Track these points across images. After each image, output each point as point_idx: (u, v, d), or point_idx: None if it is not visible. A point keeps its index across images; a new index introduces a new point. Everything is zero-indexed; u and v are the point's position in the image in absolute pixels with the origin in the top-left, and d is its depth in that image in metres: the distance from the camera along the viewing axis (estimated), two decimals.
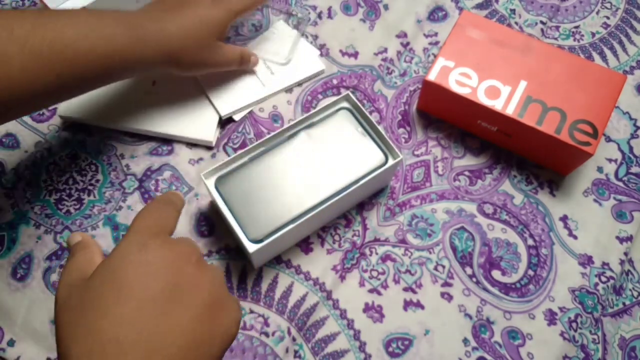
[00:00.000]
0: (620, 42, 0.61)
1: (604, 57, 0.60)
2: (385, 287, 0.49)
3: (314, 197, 0.45)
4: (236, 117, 0.55)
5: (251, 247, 0.42)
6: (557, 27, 0.62)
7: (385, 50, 0.60)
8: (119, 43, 0.41)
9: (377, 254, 0.50)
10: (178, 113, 0.54)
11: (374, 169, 0.46)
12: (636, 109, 0.57)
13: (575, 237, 0.51)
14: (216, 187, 0.45)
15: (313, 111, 0.48)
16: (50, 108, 0.55)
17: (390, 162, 0.47)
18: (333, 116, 0.48)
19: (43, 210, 0.51)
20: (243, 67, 0.54)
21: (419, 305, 0.49)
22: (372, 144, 0.47)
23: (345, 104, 0.49)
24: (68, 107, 0.53)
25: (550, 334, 0.48)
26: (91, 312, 0.27)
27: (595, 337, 0.48)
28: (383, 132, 0.47)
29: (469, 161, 0.54)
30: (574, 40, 0.61)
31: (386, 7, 0.62)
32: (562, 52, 0.52)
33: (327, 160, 0.46)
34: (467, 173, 0.54)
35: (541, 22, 0.61)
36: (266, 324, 0.47)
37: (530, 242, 0.51)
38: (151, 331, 0.27)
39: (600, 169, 0.54)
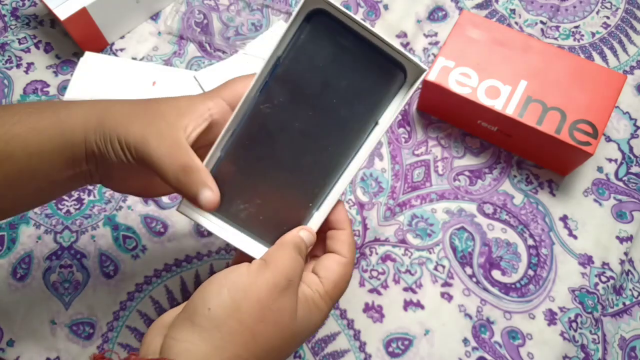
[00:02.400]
0: (620, 42, 0.61)
1: (604, 57, 0.60)
2: (385, 287, 0.49)
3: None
4: None
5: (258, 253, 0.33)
6: (557, 27, 0.62)
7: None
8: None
9: (377, 253, 0.50)
10: None
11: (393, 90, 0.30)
12: (636, 109, 0.57)
13: (575, 237, 0.51)
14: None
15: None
16: None
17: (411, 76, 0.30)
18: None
19: (43, 210, 0.51)
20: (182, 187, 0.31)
21: (419, 305, 0.49)
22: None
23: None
24: None
25: (550, 334, 0.48)
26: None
27: (595, 337, 0.48)
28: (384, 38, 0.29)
29: (469, 161, 0.54)
30: (574, 40, 0.61)
31: (386, 7, 0.62)
32: (562, 52, 0.52)
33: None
34: (467, 173, 0.54)
35: (541, 22, 0.61)
36: None
37: (530, 242, 0.51)
38: None
39: (600, 169, 0.54)
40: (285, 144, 0.31)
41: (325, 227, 0.34)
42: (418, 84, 0.30)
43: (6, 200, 0.34)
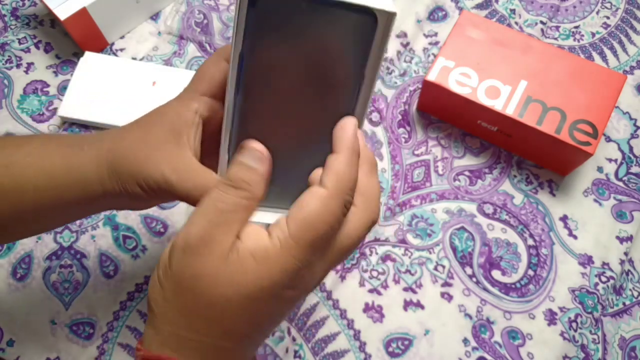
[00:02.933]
0: (620, 42, 0.61)
1: (604, 57, 0.60)
2: (385, 287, 0.49)
3: None
4: None
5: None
6: (557, 27, 0.62)
7: (385, 50, 0.59)
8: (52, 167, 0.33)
9: (377, 253, 0.50)
10: None
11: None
12: (636, 109, 0.57)
13: (575, 237, 0.51)
14: None
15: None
16: (50, 108, 0.55)
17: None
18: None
19: None
20: None
21: (419, 305, 0.49)
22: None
23: None
24: (68, 107, 0.54)
25: (550, 334, 0.48)
26: None
27: (595, 337, 0.48)
28: None
29: (469, 161, 0.54)
30: (574, 40, 0.61)
31: None
32: (562, 52, 0.52)
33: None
34: (467, 173, 0.54)
35: (541, 22, 0.61)
36: None
37: (530, 242, 0.51)
38: None
39: (600, 169, 0.54)
40: (283, 127, 0.30)
41: None
42: (392, 28, 0.28)
43: (12, 231, 0.35)
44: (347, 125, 0.27)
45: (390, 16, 0.27)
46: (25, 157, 0.33)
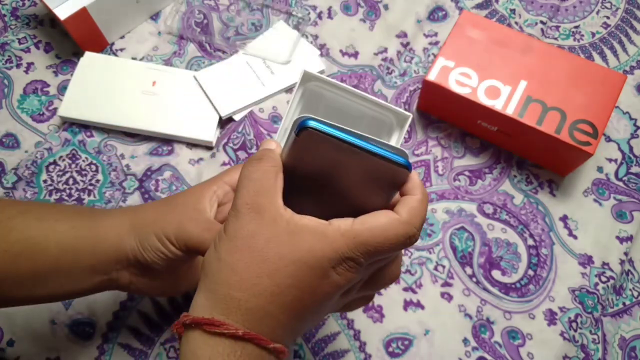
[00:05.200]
0: (620, 42, 0.61)
1: (604, 57, 0.60)
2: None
3: None
4: (236, 117, 0.55)
5: None
6: (557, 27, 0.62)
7: (385, 50, 0.60)
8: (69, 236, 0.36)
9: None
10: (178, 113, 0.54)
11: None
12: (636, 109, 0.57)
13: (575, 237, 0.51)
14: None
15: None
16: (50, 108, 0.55)
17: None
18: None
19: None
20: None
21: (419, 305, 0.49)
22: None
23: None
24: (68, 107, 0.54)
25: (550, 334, 0.48)
26: None
27: (595, 337, 0.48)
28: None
29: (469, 161, 0.54)
30: (574, 40, 0.61)
31: (386, 7, 0.62)
32: (562, 52, 0.52)
33: None
34: (467, 173, 0.54)
35: (541, 22, 0.61)
36: None
37: (530, 242, 0.51)
38: None
39: (600, 169, 0.54)
40: (311, 207, 0.31)
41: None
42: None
43: (24, 291, 0.36)
44: (414, 173, 0.30)
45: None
46: (56, 214, 0.36)
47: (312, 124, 0.26)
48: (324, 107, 0.36)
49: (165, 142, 0.54)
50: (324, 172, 0.29)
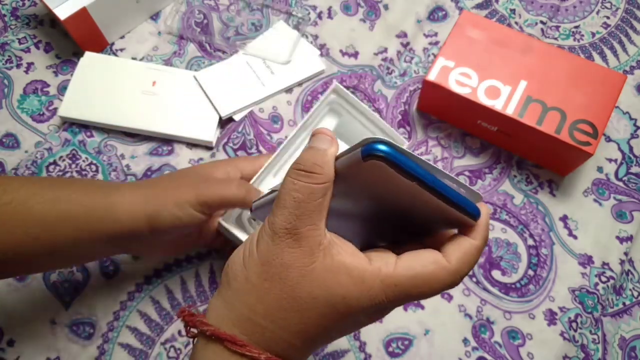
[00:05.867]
0: (620, 42, 0.61)
1: (604, 57, 0.60)
2: None
3: None
4: (236, 117, 0.55)
5: None
6: (557, 27, 0.62)
7: (385, 50, 0.60)
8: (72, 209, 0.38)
9: None
10: (178, 113, 0.54)
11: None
12: (636, 109, 0.57)
13: (575, 237, 0.51)
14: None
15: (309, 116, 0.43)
16: (50, 108, 0.55)
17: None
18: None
19: None
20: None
21: (419, 305, 0.49)
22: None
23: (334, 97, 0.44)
24: (68, 107, 0.53)
25: (550, 334, 0.48)
26: None
27: (595, 337, 0.48)
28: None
29: (469, 161, 0.54)
30: (574, 40, 0.61)
31: (386, 7, 0.62)
32: (562, 52, 0.52)
33: None
34: (467, 173, 0.54)
35: (541, 22, 0.61)
36: None
37: (530, 242, 0.51)
38: None
39: (600, 169, 0.54)
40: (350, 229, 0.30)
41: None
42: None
43: (44, 262, 0.39)
44: (486, 214, 0.27)
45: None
46: (70, 194, 0.38)
47: (386, 151, 0.22)
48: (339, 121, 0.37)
49: (165, 142, 0.54)
50: (378, 195, 0.26)
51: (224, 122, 0.55)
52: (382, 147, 0.22)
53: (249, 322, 0.26)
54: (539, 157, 0.53)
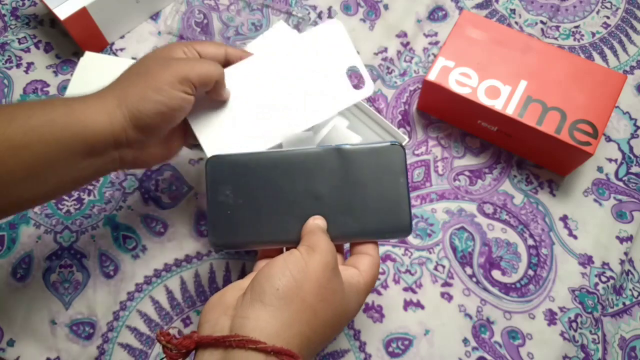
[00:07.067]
0: (620, 42, 0.61)
1: (604, 57, 0.60)
2: (385, 287, 0.49)
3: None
4: None
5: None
6: (557, 27, 0.62)
7: (385, 50, 0.60)
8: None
9: None
10: None
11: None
12: (636, 109, 0.57)
13: (575, 237, 0.51)
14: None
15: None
16: None
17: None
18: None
19: (43, 210, 0.51)
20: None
21: (419, 305, 0.49)
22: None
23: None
24: None
25: (550, 334, 0.48)
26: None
27: (595, 337, 0.48)
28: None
29: (469, 161, 0.54)
30: (574, 40, 0.61)
31: (386, 7, 0.62)
32: (562, 52, 0.52)
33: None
34: (467, 173, 0.54)
35: (541, 22, 0.61)
36: None
37: (530, 242, 0.51)
38: None
39: (600, 169, 0.54)
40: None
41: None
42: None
43: (27, 190, 0.35)
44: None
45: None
46: (28, 111, 0.34)
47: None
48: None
49: None
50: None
51: None
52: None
53: (299, 337, 0.30)
54: (539, 157, 0.53)
